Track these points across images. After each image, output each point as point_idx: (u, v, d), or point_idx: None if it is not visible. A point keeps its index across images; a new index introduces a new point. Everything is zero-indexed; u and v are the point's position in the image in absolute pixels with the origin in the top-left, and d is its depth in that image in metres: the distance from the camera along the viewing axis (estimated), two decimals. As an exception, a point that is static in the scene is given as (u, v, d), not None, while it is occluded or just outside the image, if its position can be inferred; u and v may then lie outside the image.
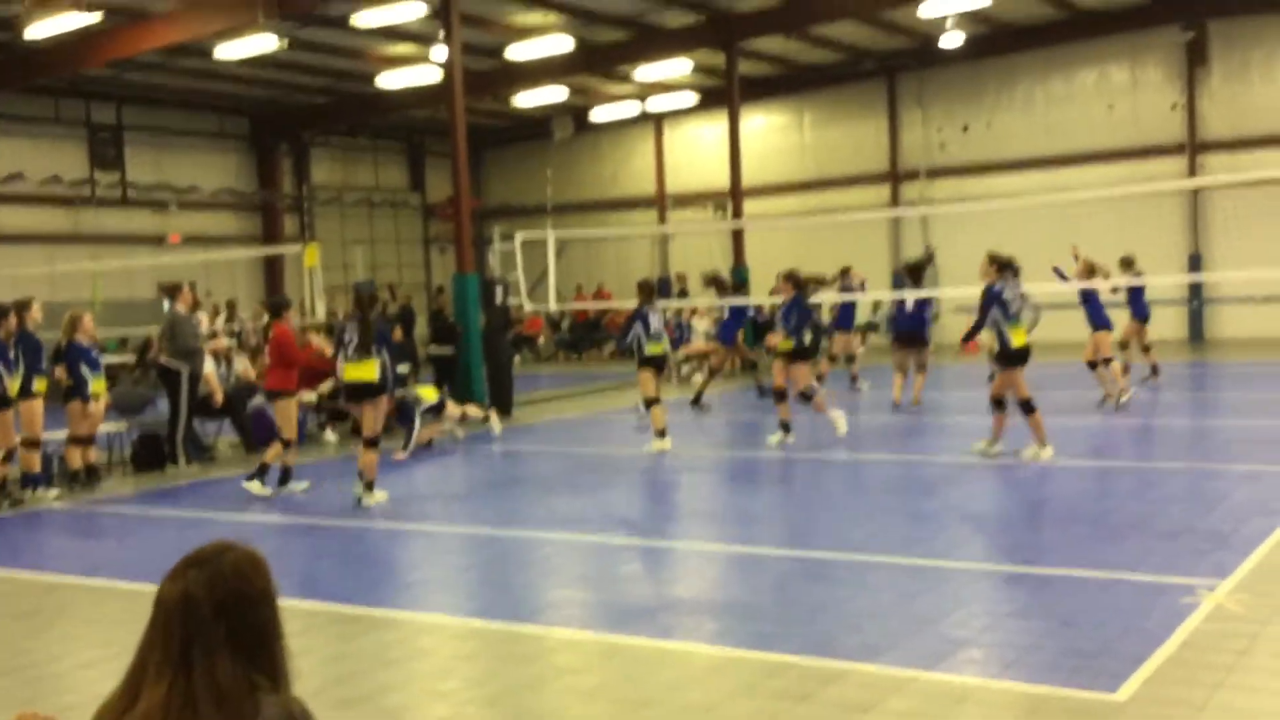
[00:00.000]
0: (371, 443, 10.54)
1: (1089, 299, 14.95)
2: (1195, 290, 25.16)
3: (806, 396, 13.22)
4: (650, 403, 12.88)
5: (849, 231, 27.82)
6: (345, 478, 11.90)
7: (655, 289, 13.47)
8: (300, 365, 12.03)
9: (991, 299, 11.15)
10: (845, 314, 18.94)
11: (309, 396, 15.27)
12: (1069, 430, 13.51)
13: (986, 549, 7.97)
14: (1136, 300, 16.35)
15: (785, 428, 12.95)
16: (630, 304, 14.10)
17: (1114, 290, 16.08)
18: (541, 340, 30.36)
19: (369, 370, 10.49)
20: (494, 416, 15.38)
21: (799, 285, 13.21)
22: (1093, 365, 15.07)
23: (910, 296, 16.43)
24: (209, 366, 14.41)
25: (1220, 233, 24.56)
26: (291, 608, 6.82)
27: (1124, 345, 16.33)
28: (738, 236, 24.98)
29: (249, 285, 28.64)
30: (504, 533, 9.36)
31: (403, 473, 12.49)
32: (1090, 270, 14.90)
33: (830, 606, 6.63)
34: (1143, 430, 13.25)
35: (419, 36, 22.27)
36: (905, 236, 28.82)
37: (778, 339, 13.10)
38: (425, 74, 23.63)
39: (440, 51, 19.10)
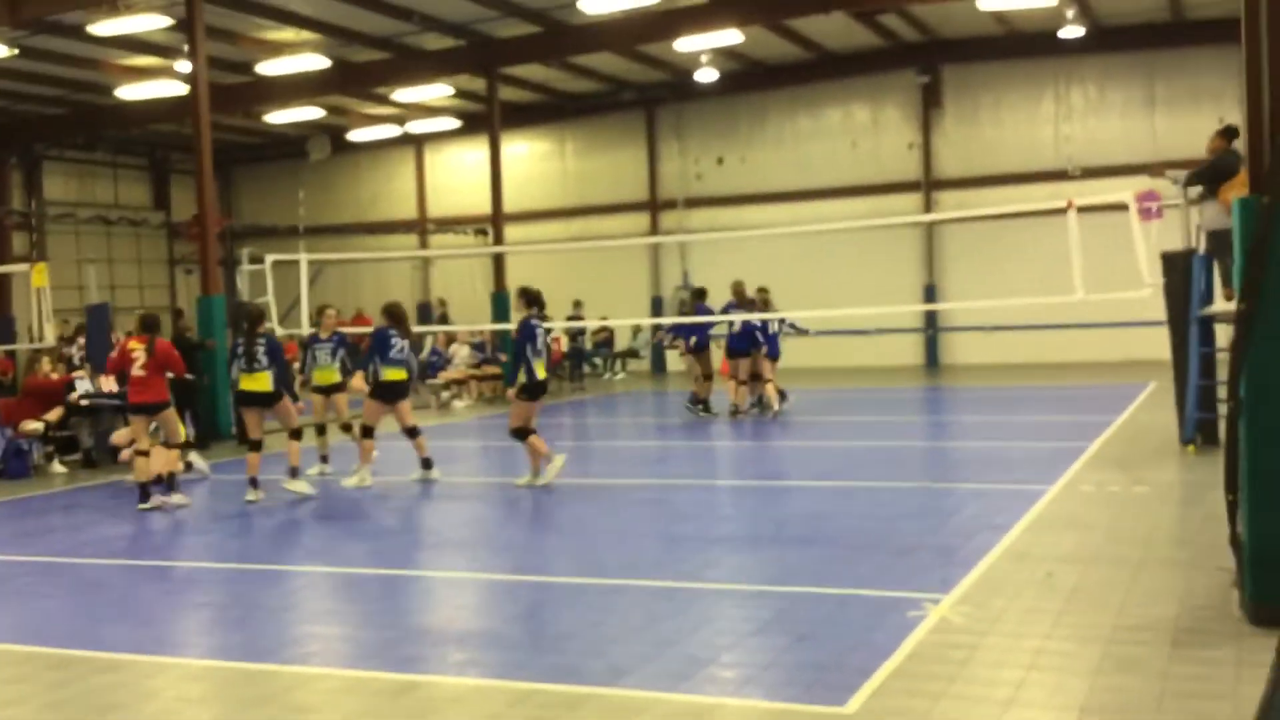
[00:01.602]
0: (295, 434, 11.98)
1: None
2: (930, 319, 26.65)
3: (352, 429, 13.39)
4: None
5: (610, 257, 28.26)
6: (74, 510, 11.22)
7: (404, 315, 12.93)
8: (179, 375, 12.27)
9: (531, 333, 11.59)
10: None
11: (35, 425, 14.33)
12: (819, 452, 14.06)
13: (733, 570, 8.14)
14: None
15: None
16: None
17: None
18: (296, 366, 29.36)
19: (262, 381, 11.68)
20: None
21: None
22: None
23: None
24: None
25: (952, 265, 26.16)
26: (3, 652, 6.34)
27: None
28: (499, 261, 24.93)
29: (-29, 307, 26.65)
30: (242, 567, 8.98)
31: (136, 502, 11.82)
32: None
33: (578, 632, 6.63)
34: (880, 451, 13.89)
35: (162, 48, 21.34)
36: (664, 263, 29.42)
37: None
38: (169, 87, 22.63)
39: (184, 64, 18.33)
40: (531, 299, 11.88)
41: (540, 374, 11.65)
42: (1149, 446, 12.71)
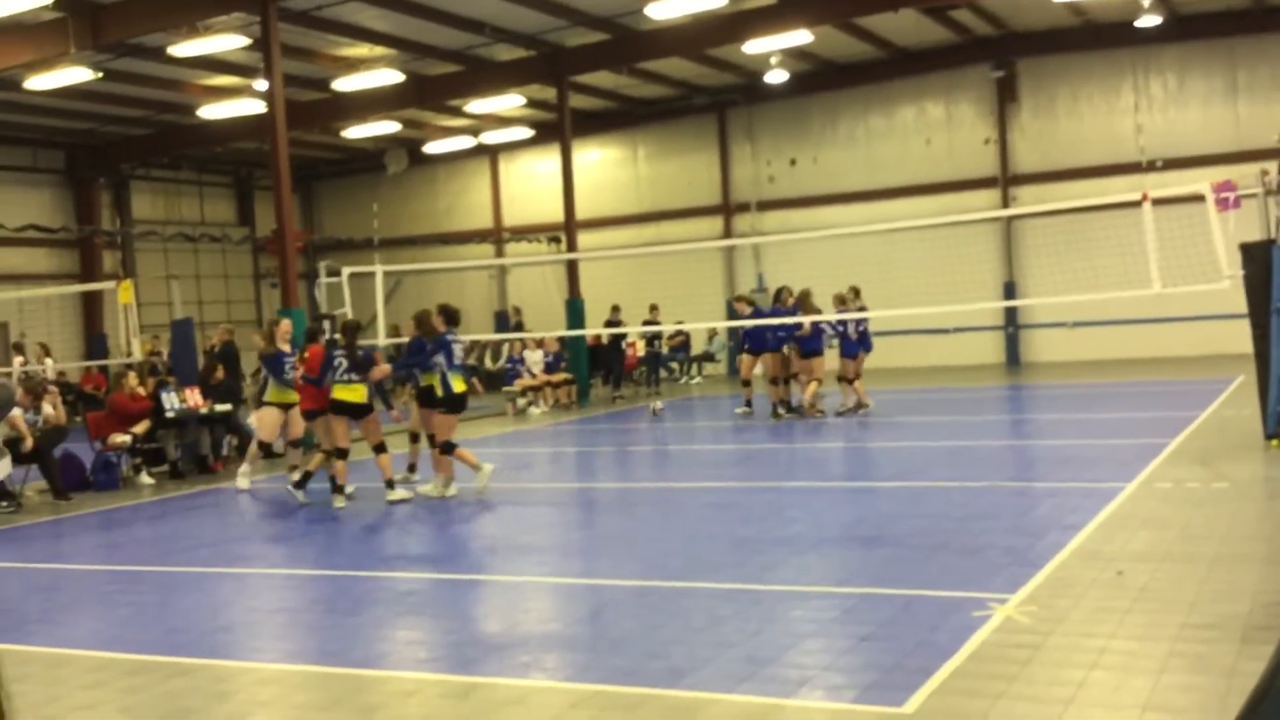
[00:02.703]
0: (380, 448, 12.23)
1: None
2: (1010, 316, 26.26)
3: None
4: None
5: (684, 262, 28.30)
6: (159, 520, 11.54)
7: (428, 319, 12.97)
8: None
9: (448, 349, 11.95)
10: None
11: (123, 438, 14.74)
12: (894, 452, 13.95)
13: (798, 571, 8.11)
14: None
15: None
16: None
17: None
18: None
19: (358, 393, 12.00)
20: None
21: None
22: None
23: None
24: (15, 411, 13.75)
25: (1032, 261, 25.75)
26: (81, 658, 6.56)
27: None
28: (573, 268, 25.09)
29: (64, 324, 27.51)
30: (314, 573, 9.17)
31: (220, 512, 12.11)
32: (842, 301, 17.49)
33: (640, 634, 6.67)
34: (956, 451, 13.74)
35: (241, 67, 21.85)
36: (738, 266, 29.39)
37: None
38: (249, 105, 23.16)
39: (263, 82, 18.77)
40: (449, 316, 12.27)
41: (457, 387, 12.02)
42: (1231, 442, 12.42)
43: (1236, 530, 8.38)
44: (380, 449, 12.29)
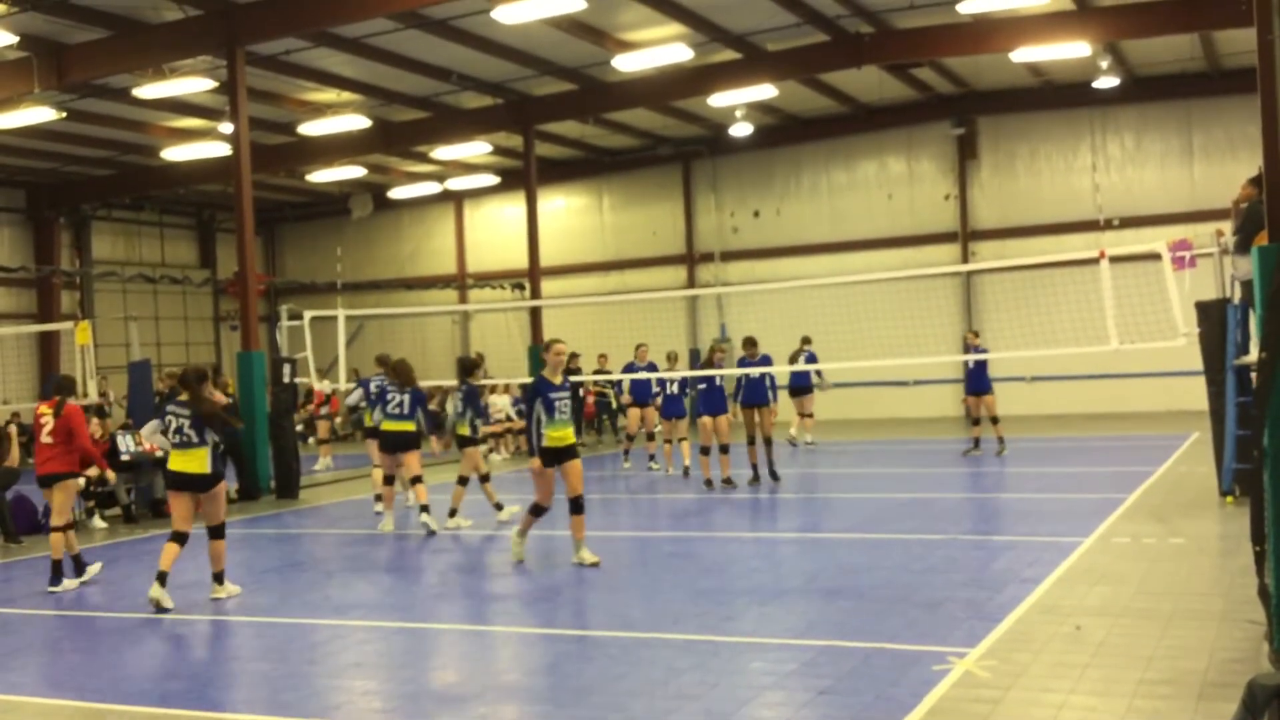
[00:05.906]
0: (217, 533, 9.98)
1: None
2: (969, 370, 26.42)
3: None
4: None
5: (647, 311, 28.35)
6: (110, 565, 11.36)
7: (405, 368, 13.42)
8: (85, 447, 11.25)
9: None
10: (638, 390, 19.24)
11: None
12: (853, 504, 13.97)
13: (758, 623, 8.08)
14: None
15: None
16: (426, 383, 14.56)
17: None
18: (338, 420, 29.60)
19: (197, 461, 9.85)
20: None
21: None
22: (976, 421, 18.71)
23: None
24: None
25: (992, 315, 26.01)
26: (27, 705, 6.40)
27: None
28: (536, 316, 25.09)
29: (19, 364, 27.13)
30: (271, 620, 9.03)
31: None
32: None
33: (600, 686, 6.61)
34: (914, 504, 13.78)
35: (206, 110, 21.81)
36: (701, 316, 29.51)
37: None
38: (214, 148, 23.10)
39: (228, 125, 18.74)
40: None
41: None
42: (1187, 498, 12.54)
43: (1193, 586, 8.45)
44: (217, 533, 9.82)
